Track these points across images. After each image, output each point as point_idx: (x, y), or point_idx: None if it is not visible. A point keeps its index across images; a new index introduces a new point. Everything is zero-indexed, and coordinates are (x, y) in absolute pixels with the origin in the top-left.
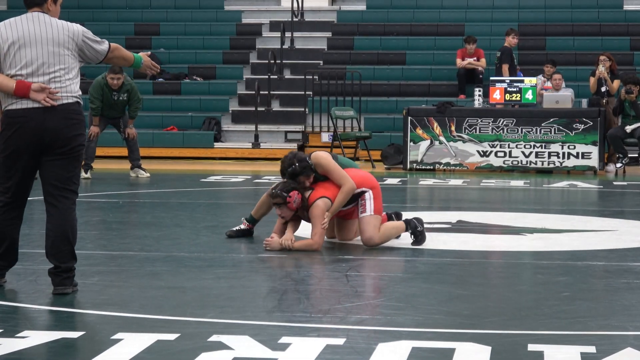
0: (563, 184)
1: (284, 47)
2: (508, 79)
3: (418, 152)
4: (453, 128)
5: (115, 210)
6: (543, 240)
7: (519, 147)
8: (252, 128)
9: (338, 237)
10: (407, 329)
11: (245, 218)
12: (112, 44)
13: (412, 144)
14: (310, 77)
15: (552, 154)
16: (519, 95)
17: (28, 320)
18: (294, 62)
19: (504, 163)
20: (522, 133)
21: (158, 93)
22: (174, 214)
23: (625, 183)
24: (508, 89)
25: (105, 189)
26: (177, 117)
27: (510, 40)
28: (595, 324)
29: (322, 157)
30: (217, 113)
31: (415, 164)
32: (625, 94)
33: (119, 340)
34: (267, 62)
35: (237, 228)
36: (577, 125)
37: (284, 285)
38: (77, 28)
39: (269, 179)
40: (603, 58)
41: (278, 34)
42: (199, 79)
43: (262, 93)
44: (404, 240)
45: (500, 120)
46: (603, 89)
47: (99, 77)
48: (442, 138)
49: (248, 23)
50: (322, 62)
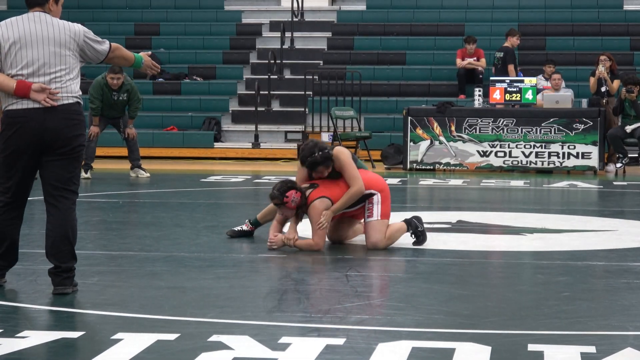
0: (563, 184)
1: (284, 47)
2: (508, 79)
3: (418, 152)
4: (453, 128)
5: (115, 210)
6: (543, 240)
7: (519, 147)
8: (252, 128)
9: (334, 235)
10: (407, 329)
11: (250, 220)
12: (112, 44)
13: (412, 144)
14: (310, 77)
15: (552, 154)
16: (519, 95)
17: (28, 320)
18: (294, 62)
19: (504, 163)
20: (522, 133)
21: (158, 93)
22: (174, 214)
23: (625, 183)
24: (508, 89)
25: (105, 189)
26: (177, 117)
27: (514, 41)
28: (595, 324)
29: (343, 152)
30: (217, 113)
31: (415, 164)
32: (626, 93)
33: (119, 340)
34: (267, 62)
35: (238, 228)
36: (577, 125)
37: (284, 285)
38: (78, 28)
39: (269, 179)
40: (603, 58)
41: (278, 34)
42: (199, 79)
43: (262, 93)
44: (405, 240)
45: (500, 120)
46: (603, 89)
47: (99, 77)
48: (442, 138)
49: (248, 23)
50: (322, 62)
